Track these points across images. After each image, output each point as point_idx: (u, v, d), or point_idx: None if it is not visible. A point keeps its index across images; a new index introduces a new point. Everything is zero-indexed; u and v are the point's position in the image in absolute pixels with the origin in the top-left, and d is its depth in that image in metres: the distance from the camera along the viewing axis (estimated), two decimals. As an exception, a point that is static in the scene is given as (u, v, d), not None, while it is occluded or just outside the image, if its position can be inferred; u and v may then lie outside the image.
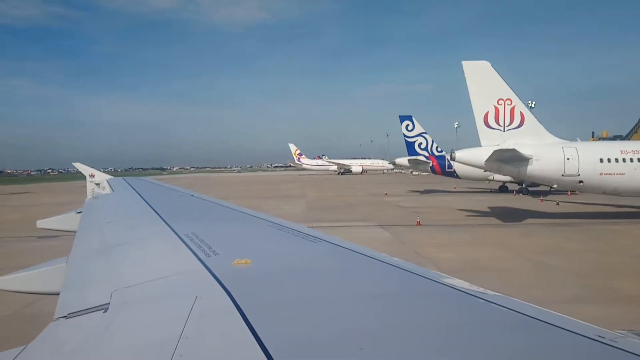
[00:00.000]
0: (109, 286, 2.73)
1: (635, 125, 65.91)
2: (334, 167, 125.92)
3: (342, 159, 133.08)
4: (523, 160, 24.46)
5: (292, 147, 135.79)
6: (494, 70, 25.23)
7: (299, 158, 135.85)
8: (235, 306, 1.97)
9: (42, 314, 10.00)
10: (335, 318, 1.89)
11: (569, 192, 42.83)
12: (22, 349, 2.02)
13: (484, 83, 24.93)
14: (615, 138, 36.62)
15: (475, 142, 25.99)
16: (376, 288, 2.39)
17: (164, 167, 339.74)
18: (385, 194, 49.48)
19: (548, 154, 24.52)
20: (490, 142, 24.93)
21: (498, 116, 24.92)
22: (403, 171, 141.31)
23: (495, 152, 23.70)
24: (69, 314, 2.43)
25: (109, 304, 2.41)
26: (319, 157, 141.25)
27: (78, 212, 7.68)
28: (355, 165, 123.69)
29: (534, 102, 57.48)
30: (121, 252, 3.83)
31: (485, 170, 30.76)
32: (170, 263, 3.10)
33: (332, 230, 24.69)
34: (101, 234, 5.01)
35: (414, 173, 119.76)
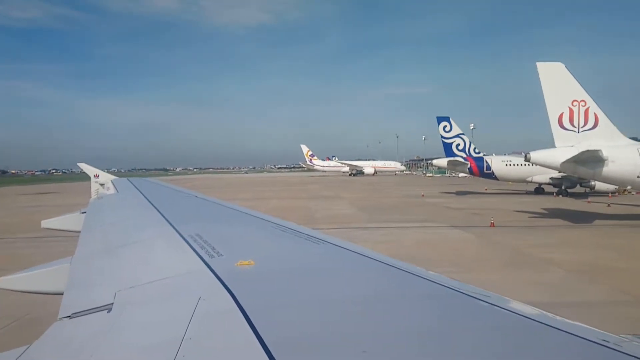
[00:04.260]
0: (112, 286, 2.81)
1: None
2: (346, 169, 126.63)
3: (350, 160, 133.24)
4: (599, 161, 24.62)
5: (304, 149, 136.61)
6: (568, 71, 25.60)
7: (310, 159, 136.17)
8: (239, 307, 2.01)
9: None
10: (339, 320, 1.93)
11: (609, 195, 43.09)
12: (26, 349, 2.08)
13: (558, 84, 25.35)
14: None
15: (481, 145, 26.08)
16: (379, 290, 2.42)
17: (167, 168, 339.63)
18: (423, 195, 49.76)
19: (624, 155, 24.86)
20: (564, 143, 25.39)
21: (572, 117, 25.33)
22: (415, 173, 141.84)
23: (582, 152, 23.95)
24: (72, 313, 2.49)
25: (112, 304, 2.48)
26: (328, 159, 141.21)
27: (82, 213, 7.88)
28: (368, 167, 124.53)
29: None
30: (125, 252, 3.93)
31: (559, 172, 30.84)
32: (174, 264, 3.16)
33: (407, 230, 24.93)
34: (105, 234, 5.16)
35: (427, 175, 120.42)
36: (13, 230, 26.70)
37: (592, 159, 24.92)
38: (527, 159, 27.32)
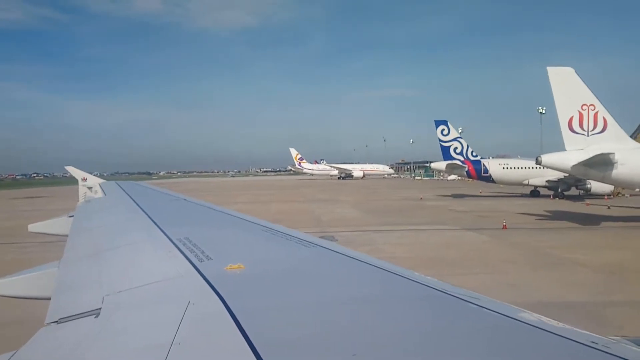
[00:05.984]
0: (100, 291, 2.82)
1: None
2: (335, 172, 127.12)
3: (337, 163, 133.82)
4: (609, 164, 25.21)
5: (293, 152, 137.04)
6: (577, 76, 26.34)
7: (299, 163, 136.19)
8: (228, 311, 2.03)
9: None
10: (329, 323, 1.96)
11: (605, 197, 44.03)
12: (12, 355, 2.08)
13: (568, 89, 26.08)
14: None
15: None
16: (369, 292, 2.46)
17: (151, 172, 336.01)
18: (421, 198, 50.35)
19: (633, 158, 25.41)
20: (574, 147, 26.14)
21: (582, 121, 26.04)
22: (402, 176, 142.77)
23: (595, 156, 24.48)
24: (60, 319, 2.47)
25: (100, 309, 2.47)
26: (316, 162, 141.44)
27: (70, 216, 7.83)
28: (357, 170, 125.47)
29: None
30: (113, 256, 3.94)
31: (569, 174, 31.37)
32: (163, 268, 3.17)
33: (421, 233, 25.17)
34: (93, 238, 5.16)
35: (416, 178, 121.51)
36: (18, 234, 26.18)
37: (603, 162, 25.58)
38: (538, 162, 28.20)
